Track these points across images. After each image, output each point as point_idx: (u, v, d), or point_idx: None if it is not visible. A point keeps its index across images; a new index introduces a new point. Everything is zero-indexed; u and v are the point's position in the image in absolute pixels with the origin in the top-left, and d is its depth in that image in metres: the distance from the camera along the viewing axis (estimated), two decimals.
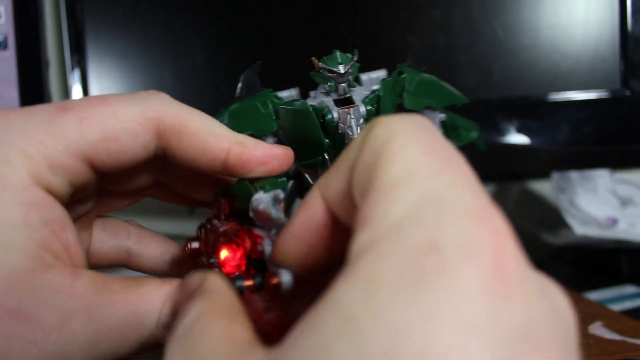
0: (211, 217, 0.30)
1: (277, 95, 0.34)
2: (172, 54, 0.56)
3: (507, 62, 0.59)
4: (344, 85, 0.31)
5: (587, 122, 0.59)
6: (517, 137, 0.59)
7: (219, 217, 0.29)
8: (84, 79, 0.55)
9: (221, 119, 0.32)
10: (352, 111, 0.30)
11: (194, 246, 0.30)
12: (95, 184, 0.29)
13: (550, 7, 0.59)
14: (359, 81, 0.33)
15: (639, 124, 0.60)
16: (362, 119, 0.31)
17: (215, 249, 0.27)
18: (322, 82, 0.32)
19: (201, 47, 0.56)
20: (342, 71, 0.31)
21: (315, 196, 0.22)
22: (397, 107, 0.34)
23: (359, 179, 0.19)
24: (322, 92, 0.32)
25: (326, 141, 0.31)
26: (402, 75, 0.34)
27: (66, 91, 0.62)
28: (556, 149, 0.60)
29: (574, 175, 0.68)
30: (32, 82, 0.55)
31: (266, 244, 0.26)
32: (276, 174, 0.29)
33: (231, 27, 0.57)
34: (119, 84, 0.56)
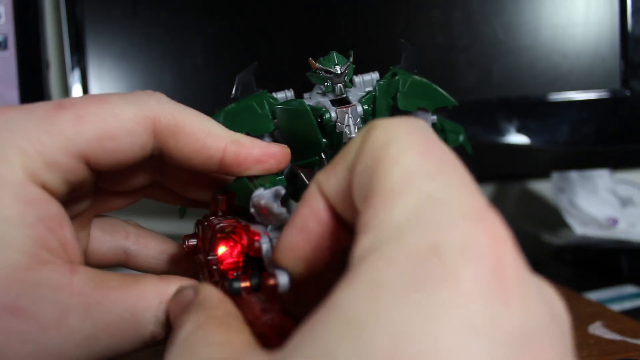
0: (208, 214, 0.30)
1: (273, 96, 0.34)
2: (172, 54, 0.56)
3: (507, 62, 0.59)
4: (340, 85, 0.31)
5: (587, 122, 0.59)
6: (517, 137, 0.59)
7: (216, 214, 0.29)
8: (84, 79, 0.55)
9: (217, 120, 0.32)
10: (349, 110, 0.31)
11: (191, 243, 0.30)
12: (91, 182, 0.29)
13: (550, 7, 0.59)
14: (352, 83, 0.33)
15: (639, 124, 0.60)
16: (359, 118, 0.31)
17: (212, 245, 0.27)
18: (318, 82, 0.32)
19: (201, 48, 0.56)
20: (339, 71, 0.31)
21: (314, 193, 0.22)
22: (391, 108, 0.34)
23: (359, 182, 0.19)
24: (318, 93, 0.33)
25: (323, 141, 0.32)
26: (396, 77, 0.34)
27: (66, 91, 0.62)
28: (556, 149, 0.60)
29: (574, 175, 0.68)
30: (32, 82, 0.55)
31: (263, 241, 0.26)
32: (273, 172, 0.29)
33: (231, 28, 0.57)
34: (119, 84, 0.56)
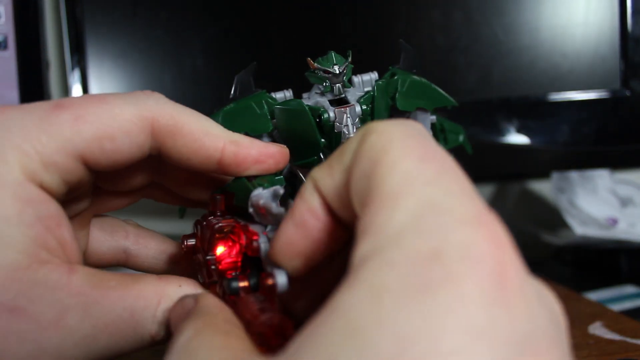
0: (207, 214, 0.30)
1: (272, 96, 0.34)
2: (172, 55, 0.56)
3: (507, 63, 0.59)
4: (339, 85, 0.31)
5: (587, 122, 0.59)
6: (517, 137, 0.59)
7: (215, 214, 0.29)
8: (84, 79, 0.55)
9: (216, 120, 0.32)
10: (348, 110, 0.31)
11: (190, 243, 0.30)
12: (90, 182, 0.29)
13: (550, 8, 0.59)
14: (350, 83, 0.34)
15: (639, 124, 0.60)
16: (357, 118, 0.31)
17: (211, 245, 0.27)
18: (317, 82, 0.32)
19: (201, 48, 0.56)
20: (337, 71, 0.31)
21: (310, 190, 0.22)
22: (390, 108, 0.34)
23: (356, 186, 0.19)
24: (316, 93, 0.33)
25: (322, 141, 0.32)
26: (395, 77, 0.34)
27: (66, 91, 0.62)
28: (556, 149, 0.60)
29: (574, 175, 0.68)
30: (32, 82, 0.55)
31: (262, 240, 0.26)
32: (272, 172, 0.29)
33: (231, 28, 0.57)
34: (119, 84, 0.56)
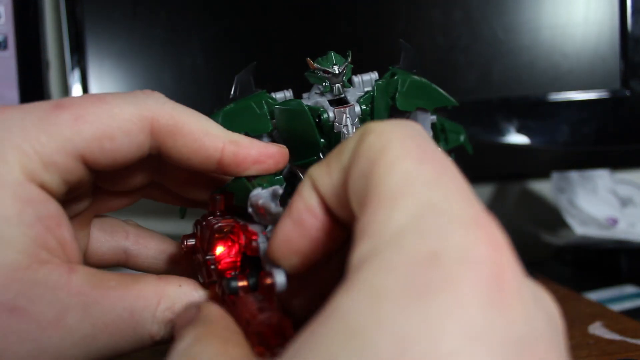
0: (207, 214, 0.30)
1: (272, 96, 0.34)
2: (172, 54, 0.56)
3: (507, 62, 0.59)
4: (338, 85, 0.31)
5: (587, 122, 0.59)
6: (517, 137, 0.59)
7: (215, 214, 0.29)
8: (84, 79, 0.55)
9: (216, 120, 0.32)
10: (347, 110, 0.31)
11: (189, 243, 0.30)
12: (90, 182, 0.29)
13: (550, 7, 0.59)
14: (350, 83, 0.34)
15: (639, 124, 0.60)
16: (357, 118, 0.31)
17: (210, 245, 0.27)
18: (316, 82, 0.32)
19: (201, 48, 0.56)
20: (337, 71, 0.31)
21: (308, 188, 0.22)
22: (390, 108, 0.34)
23: (354, 186, 0.19)
24: (316, 93, 0.33)
25: (322, 141, 0.32)
26: (395, 77, 0.34)
27: (66, 91, 0.62)
28: (556, 149, 0.60)
29: (574, 175, 0.68)
30: (32, 82, 0.55)
31: (261, 240, 0.26)
32: (272, 172, 0.29)
33: (230, 28, 0.57)
34: (119, 83, 0.56)
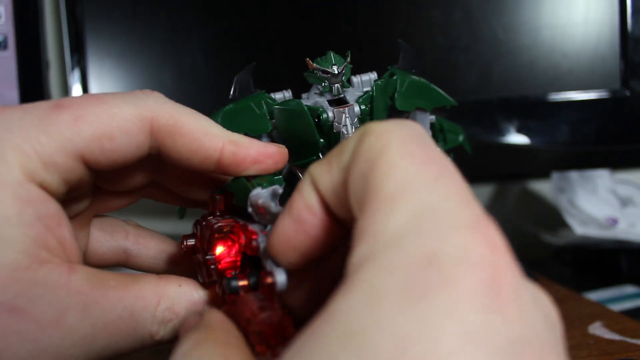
0: (206, 213, 0.30)
1: (271, 96, 0.34)
2: (172, 54, 0.56)
3: (507, 62, 0.59)
4: (337, 85, 0.32)
5: (587, 122, 0.59)
6: (517, 137, 0.59)
7: (214, 214, 0.29)
8: (84, 79, 0.55)
9: (215, 120, 0.32)
10: (347, 110, 0.31)
11: (189, 243, 0.30)
12: (90, 182, 0.29)
13: (550, 7, 0.59)
14: (350, 83, 0.34)
15: (639, 124, 0.60)
16: (356, 118, 0.31)
17: (210, 245, 0.28)
18: (316, 82, 0.32)
19: (201, 48, 0.56)
20: (336, 72, 0.31)
21: (308, 186, 0.22)
22: (388, 108, 0.34)
23: (354, 187, 0.19)
24: (315, 93, 0.33)
25: (321, 141, 0.32)
26: (394, 77, 0.34)
27: (66, 91, 0.62)
28: (556, 149, 0.60)
29: (574, 175, 0.68)
30: (32, 82, 0.55)
31: (261, 240, 0.26)
32: (271, 172, 0.29)
33: (230, 28, 0.57)
34: (119, 83, 0.56)
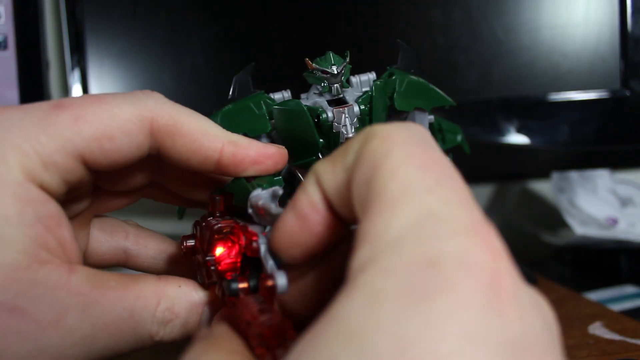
0: (206, 214, 0.30)
1: (270, 96, 0.34)
2: (172, 54, 0.56)
3: (507, 62, 0.59)
4: (337, 85, 0.32)
5: (587, 122, 0.59)
6: (517, 137, 0.59)
7: (214, 215, 0.29)
8: (84, 79, 0.55)
9: (214, 121, 0.32)
10: (346, 110, 0.31)
11: (189, 244, 0.30)
12: (90, 182, 0.29)
13: (550, 7, 0.59)
14: (349, 83, 0.34)
15: (639, 124, 0.60)
16: (355, 118, 0.31)
17: (210, 246, 0.28)
18: (315, 82, 0.32)
19: (201, 48, 0.56)
20: (335, 72, 0.31)
21: (312, 183, 0.22)
22: (388, 108, 0.34)
23: (357, 189, 0.19)
24: (315, 93, 0.33)
25: (320, 141, 0.32)
26: (393, 77, 0.34)
27: (66, 91, 0.62)
28: (556, 149, 0.59)
29: (574, 175, 0.68)
30: (32, 82, 0.55)
31: (261, 241, 0.26)
32: (271, 172, 0.29)
33: (230, 28, 0.57)
34: (119, 84, 0.56)
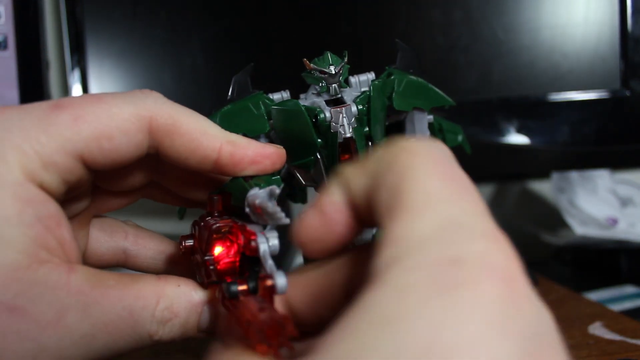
0: (205, 214, 0.30)
1: (269, 97, 0.34)
2: (172, 54, 0.56)
3: (507, 62, 0.59)
4: (335, 85, 0.32)
5: (587, 122, 0.59)
6: (517, 137, 0.59)
7: (212, 214, 0.29)
8: (84, 79, 0.55)
9: (213, 121, 0.32)
10: (344, 110, 0.31)
11: (188, 244, 0.30)
12: (89, 181, 0.29)
13: (550, 7, 0.59)
14: (347, 83, 0.34)
15: (639, 124, 0.60)
16: (353, 118, 0.31)
17: (209, 245, 0.28)
18: (313, 82, 0.32)
19: (201, 48, 0.56)
20: (334, 72, 0.31)
21: (338, 185, 0.23)
22: (386, 108, 0.34)
23: (383, 197, 0.21)
24: (313, 93, 0.33)
25: (319, 141, 0.32)
26: (391, 77, 0.34)
27: (66, 91, 0.62)
28: (556, 149, 0.60)
29: (574, 175, 0.68)
30: (32, 82, 0.55)
31: (260, 240, 0.26)
32: (269, 172, 0.29)
33: (231, 28, 0.57)
34: (119, 83, 0.56)
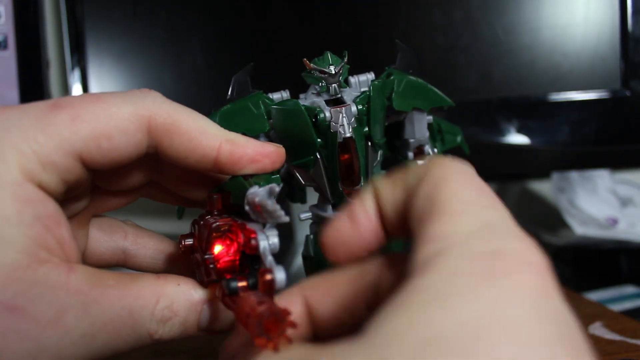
0: (204, 213, 0.30)
1: (269, 96, 0.34)
2: (172, 54, 0.56)
3: (507, 62, 0.59)
4: (334, 85, 0.32)
5: (587, 122, 0.59)
6: (517, 137, 0.59)
7: (212, 213, 0.29)
8: (84, 79, 0.55)
9: (213, 120, 0.32)
10: (344, 110, 0.31)
11: (187, 243, 0.30)
12: (88, 181, 0.29)
13: (550, 7, 0.59)
14: (347, 83, 0.34)
15: (639, 124, 0.60)
16: (353, 118, 0.31)
17: (208, 244, 0.28)
18: (313, 82, 0.33)
19: (201, 48, 0.57)
20: (333, 72, 0.31)
21: (370, 195, 0.24)
22: (386, 108, 0.34)
23: (419, 204, 0.22)
24: (313, 93, 0.33)
25: (318, 140, 0.32)
26: (391, 77, 0.34)
27: (66, 91, 0.62)
28: (556, 149, 0.60)
29: (574, 175, 0.68)
30: (32, 82, 0.55)
31: (260, 238, 0.26)
32: (268, 171, 0.29)
33: (231, 28, 0.57)
34: (119, 83, 0.56)
